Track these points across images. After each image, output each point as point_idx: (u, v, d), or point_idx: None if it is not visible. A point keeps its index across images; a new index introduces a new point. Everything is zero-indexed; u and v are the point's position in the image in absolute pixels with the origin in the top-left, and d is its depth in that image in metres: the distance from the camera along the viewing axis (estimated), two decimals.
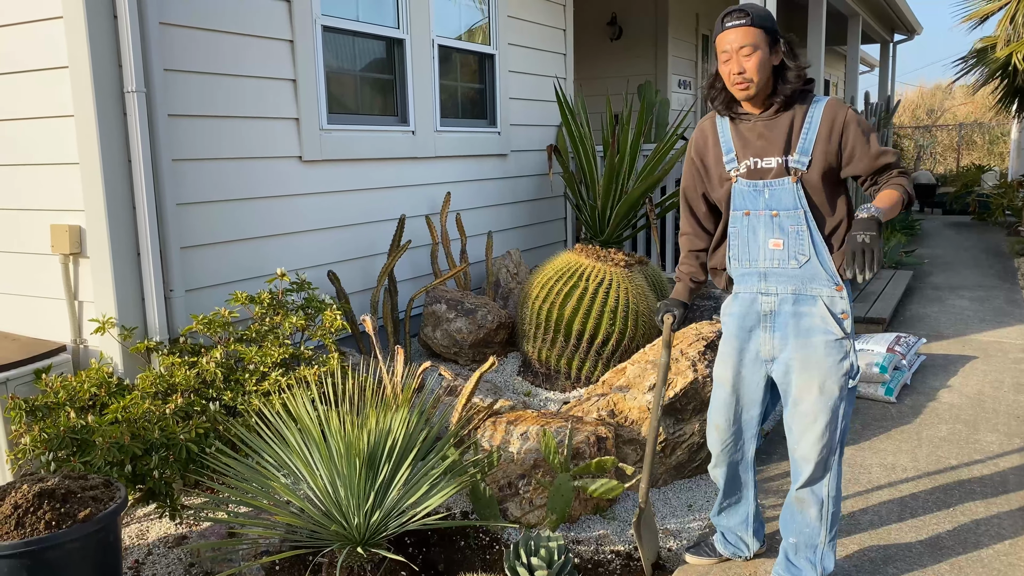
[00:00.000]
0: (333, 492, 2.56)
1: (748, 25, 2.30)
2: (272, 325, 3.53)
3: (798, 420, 2.45)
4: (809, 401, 2.42)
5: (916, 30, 13.43)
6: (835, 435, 2.44)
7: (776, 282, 2.45)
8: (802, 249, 2.39)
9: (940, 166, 20.50)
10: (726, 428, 2.64)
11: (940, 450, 3.81)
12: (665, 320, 2.62)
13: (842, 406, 2.43)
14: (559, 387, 4.47)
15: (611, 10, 9.47)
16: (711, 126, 2.55)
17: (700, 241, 2.69)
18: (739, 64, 2.31)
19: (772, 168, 2.40)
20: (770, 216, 2.41)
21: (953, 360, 5.26)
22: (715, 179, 2.53)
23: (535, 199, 6.47)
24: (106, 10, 3.32)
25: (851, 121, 2.35)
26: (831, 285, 2.39)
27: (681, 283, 2.71)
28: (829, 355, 2.39)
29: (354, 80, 4.80)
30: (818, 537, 2.52)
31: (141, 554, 2.97)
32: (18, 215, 3.68)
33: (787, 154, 2.38)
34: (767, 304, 2.47)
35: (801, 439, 2.46)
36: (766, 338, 2.49)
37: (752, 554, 2.83)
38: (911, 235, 10.98)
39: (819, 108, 2.37)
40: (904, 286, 7.20)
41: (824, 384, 2.40)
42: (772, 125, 2.40)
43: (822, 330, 2.39)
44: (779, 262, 2.42)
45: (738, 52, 2.31)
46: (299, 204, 4.36)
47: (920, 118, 25.41)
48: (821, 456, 2.44)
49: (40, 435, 2.82)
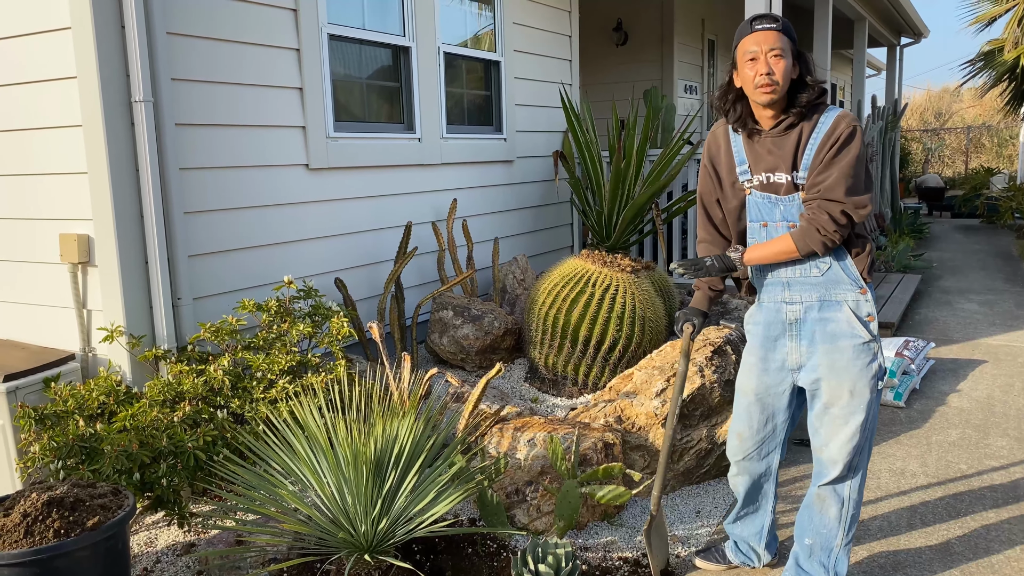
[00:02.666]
0: (340, 499, 2.56)
1: (778, 30, 2.29)
2: (279, 333, 3.53)
3: (827, 423, 2.44)
4: (840, 404, 2.41)
5: (923, 33, 13.40)
6: (864, 436, 2.43)
7: (800, 290, 2.43)
8: (823, 258, 2.38)
9: (948, 169, 20.43)
10: (749, 437, 2.63)
11: (950, 455, 3.79)
12: (684, 329, 2.59)
13: (872, 408, 2.43)
14: (566, 393, 4.47)
15: (617, 16, 9.49)
16: (724, 133, 2.52)
17: (717, 248, 2.64)
18: (767, 65, 2.28)
19: (783, 184, 2.38)
20: (787, 228, 2.40)
21: (962, 364, 5.24)
22: (727, 187, 2.52)
23: (541, 205, 6.48)
24: (114, 20, 3.34)
25: (843, 135, 2.26)
26: (855, 289, 2.38)
27: (700, 292, 2.68)
28: (858, 358, 2.38)
29: (360, 88, 4.82)
30: (835, 539, 2.51)
31: (150, 562, 2.97)
32: (27, 224, 3.70)
33: (795, 170, 2.36)
34: (792, 313, 2.46)
35: (831, 441, 2.45)
36: (793, 347, 2.48)
37: (762, 565, 2.82)
38: (919, 239, 10.94)
39: (827, 121, 2.31)
40: (913, 290, 7.17)
41: (855, 387, 2.39)
42: (781, 142, 2.37)
43: (849, 334, 2.38)
44: (801, 271, 2.42)
45: (767, 54, 2.29)
46: (306, 212, 4.37)
47: (928, 121, 25.34)
48: (850, 457, 2.44)
49: (49, 443, 2.83)
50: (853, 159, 2.27)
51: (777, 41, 2.28)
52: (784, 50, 2.29)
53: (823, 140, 2.30)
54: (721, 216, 2.61)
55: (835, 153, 2.27)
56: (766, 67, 2.28)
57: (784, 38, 2.30)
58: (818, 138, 2.31)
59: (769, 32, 2.29)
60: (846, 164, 2.26)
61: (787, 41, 2.30)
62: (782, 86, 2.29)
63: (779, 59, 2.28)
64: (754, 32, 2.31)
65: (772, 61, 2.28)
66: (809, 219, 2.32)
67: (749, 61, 2.32)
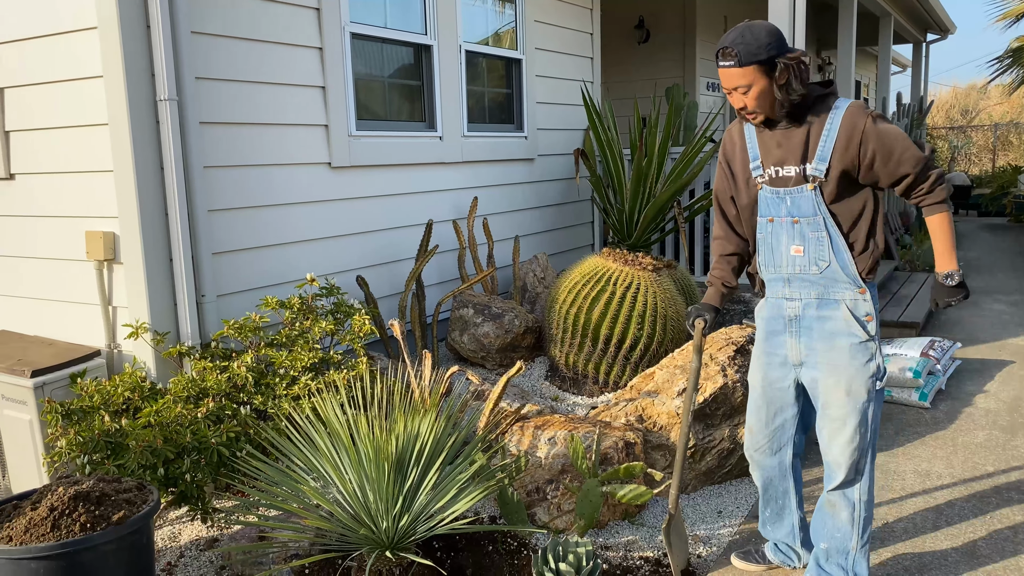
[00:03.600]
0: (362, 496, 2.57)
1: (736, 66, 2.28)
2: (302, 330, 3.56)
3: (827, 424, 2.46)
4: (837, 405, 2.42)
5: (949, 29, 13.22)
6: (865, 438, 2.43)
7: (799, 287, 2.45)
8: (822, 255, 2.39)
9: (975, 167, 20.15)
10: (759, 431, 2.65)
11: (976, 456, 3.74)
12: (696, 325, 2.61)
13: (871, 408, 2.42)
14: (587, 392, 4.46)
15: (638, 13, 9.44)
16: (739, 131, 2.55)
17: (730, 245, 2.66)
18: (739, 100, 2.35)
19: (792, 176, 2.40)
20: (791, 223, 2.42)
21: (989, 365, 5.16)
22: (741, 184, 2.54)
23: (562, 203, 6.46)
24: (139, 20, 3.37)
25: (871, 132, 2.28)
26: (853, 288, 2.39)
27: (712, 288, 2.70)
28: (854, 358, 2.38)
29: (382, 86, 4.83)
30: (850, 542, 2.50)
31: (173, 556, 3.00)
32: (54, 222, 3.75)
33: (805, 163, 2.37)
34: (791, 309, 2.48)
35: (832, 443, 2.46)
36: (792, 343, 2.50)
37: (802, 564, 2.80)
38: None
39: (839, 115, 2.32)
40: None
41: (851, 387, 2.40)
42: (790, 134, 2.39)
43: (846, 333, 2.39)
44: (800, 268, 2.43)
45: (735, 91, 2.33)
46: (328, 210, 4.39)
47: (954, 118, 25.01)
48: (852, 459, 2.44)
49: (75, 438, 2.87)
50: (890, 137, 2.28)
51: (739, 79, 2.30)
52: (751, 81, 2.29)
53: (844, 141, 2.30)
54: (735, 213, 2.63)
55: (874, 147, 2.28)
56: (739, 103, 2.36)
57: (745, 71, 2.27)
58: (832, 133, 2.31)
59: (728, 70, 2.30)
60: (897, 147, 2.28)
61: (751, 70, 2.27)
62: (763, 110, 2.35)
63: (747, 93, 2.32)
64: (719, 69, 2.34)
65: (740, 98, 2.34)
66: (931, 207, 2.36)
67: (727, 93, 2.37)
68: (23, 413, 3.35)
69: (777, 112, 2.36)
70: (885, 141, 2.28)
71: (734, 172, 2.56)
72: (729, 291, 2.70)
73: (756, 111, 2.35)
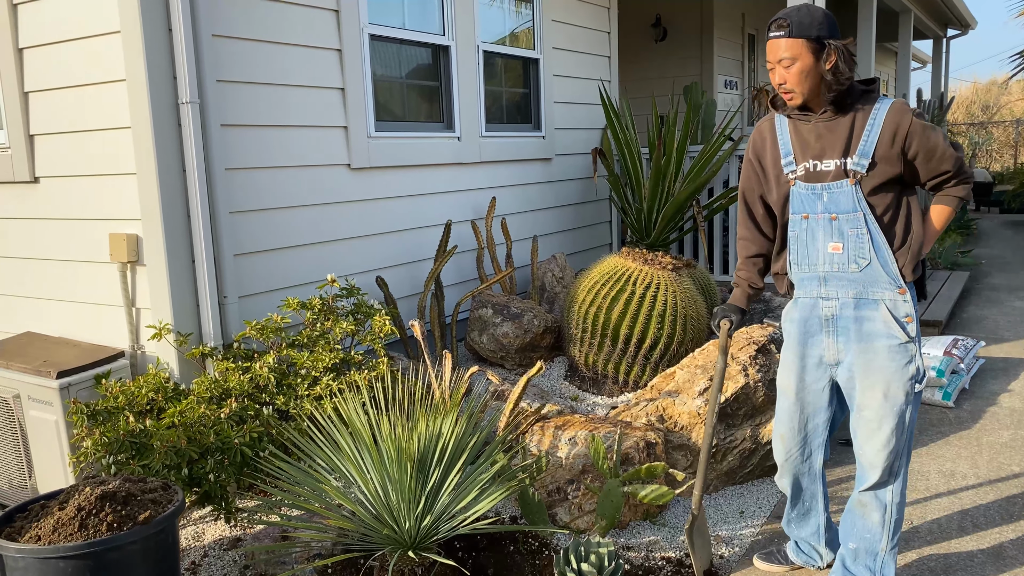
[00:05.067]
0: (384, 496, 2.58)
1: (787, 37, 2.27)
2: (323, 330, 3.57)
3: (863, 426, 2.41)
4: (873, 407, 2.37)
5: (970, 24, 13.08)
6: (901, 440, 2.38)
7: (836, 286, 2.40)
8: (862, 252, 2.34)
9: (996, 163, 19.93)
10: (791, 437, 2.60)
11: (1002, 456, 3.70)
12: (721, 326, 2.58)
13: (908, 411, 2.37)
14: (606, 392, 4.45)
15: (656, 12, 9.41)
16: (770, 126, 2.51)
17: (755, 246, 2.63)
18: (781, 75, 2.31)
19: (831, 171, 2.35)
20: (828, 219, 2.37)
21: (1014, 363, 5.11)
22: (772, 180, 2.50)
23: (580, 202, 6.46)
24: (161, 24, 3.40)
25: (916, 130, 2.27)
26: (894, 288, 2.33)
27: (739, 289, 2.68)
28: (893, 360, 2.34)
29: (401, 87, 4.85)
30: (879, 543, 2.47)
31: (197, 555, 3.03)
32: (78, 225, 3.79)
33: (846, 156, 2.32)
34: (828, 309, 2.42)
35: (866, 444, 2.41)
36: (829, 343, 2.44)
37: (825, 564, 2.78)
38: (967, 235, 10.69)
39: (883, 110, 2.30)
40: (960, 287, 7.01)
41: (888, 389, 2.35)
42: (833, 126, 2.35)
43: (885, 334, 2.34)
44: (839, 266, 2.38)
45: (778, 64, 2.31)
46: (348, 211, 4.41)
47: (975, 114, 24.74)
48: (888, 462, 2.39)
49: (101, 439, 2.90)
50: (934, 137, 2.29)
51: (786, 50, 2.28)
52: (797, 55, 2.27)
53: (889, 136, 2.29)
54: (762, 212, 2.59)
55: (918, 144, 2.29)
56: (780, 78, 2.32)
57: (795, 42, 2.26)
58: (875, 127, 2.29)
59: (777, 41, 2.29)
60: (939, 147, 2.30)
61: (800, 44, 2.26)
62: (800, 91, 2.31)
63: (790, 68, 2.29)
64: (768, 40, 2.33)
65: (784, 72, 2.30)
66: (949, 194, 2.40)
67: (770, 69, 2.36)
68: (49, 414, 3.38)
69: (822, 98, 2.32)
70: (930, 139, 2.27)
71: (764, 168, 2.52)
72: (755, 292, 2.68)
73: (794, 90, 2.31)
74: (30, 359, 3.54)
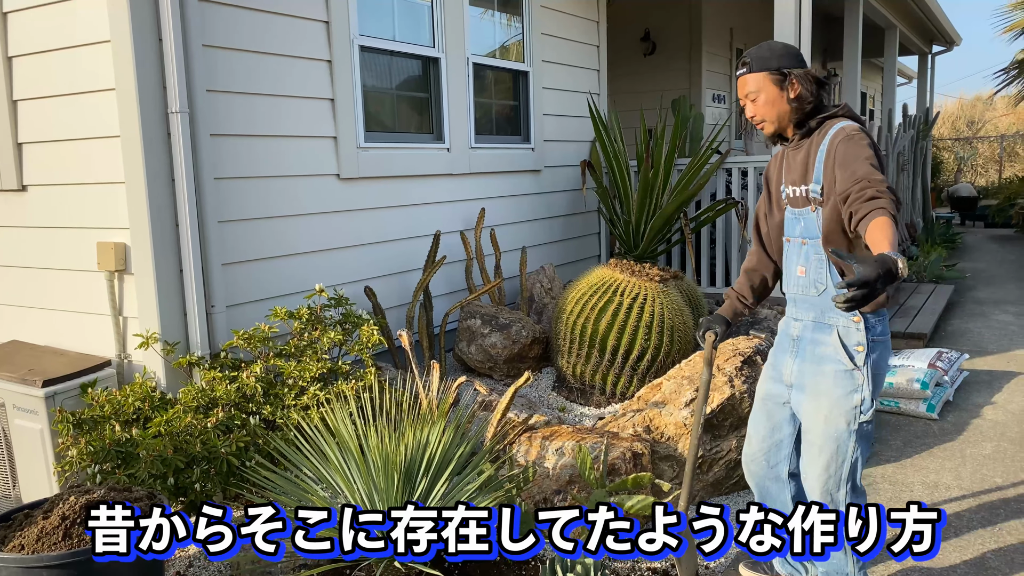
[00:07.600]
0: (371, 505, 2.58)
1: (749, 72, 2.41)
2: (311, 340, 3.57)
3: (806, 448, 2.45)
4: (815, 431, 2.39)
5: (955, 41, 13.24)
6: (841, 471, 2.36)
7: (802, 308, 2.47)
8: (820, 278, 2.39)
9: (981, 178, 20.14)
10: (756, 443, 2.65)
11: (985, 468, 3.74)
12: (707, 337, 2.62)
13: (850, 442, 2.34)
14: (594, 402, 4.46)
15: (644, 26, 9.49)
16: (782, 152, 2.59)
17: (754, 259, 2.71)
18: (751, 108, 2.43)
19: (800, 197, 2.43)
20: (800, 244, 2.45)
21: (997, 376, 5.15)
22: (774, 204, 2.61)
23: (569, 214, 6.49)
24: (151, 33, 3.41)
25: (840, 148, 2.24)
26: (847, 316, 2.34)
27: (728, 300, 2.74)
28: (838, 386, 2.34)
29: (391, 99, 4.87)
30: (845, 567, 2.48)
31: (182, 565, 3.01)
32: (66, 233, 3.78)
33: (805, 183, 2.40)
34: (795, 329, 2.50)
35: (808, 468, 2.44)
36: (789, 362, 2.51)
37: None
38: (952, 249, 10.78)
39: (831, 135, 2.33)
40: (945, 301, 7.07)
41: (829, 414, 2.35)
42: (798, 153, 2.44)
43: (833, 359, 2.36)
44: (803, 289, 2.45)
45: (747, 97, 2.43)
46: (337, 221, 4.42)
47: (960, 130, 24.98)
48: (825, 489, 2.39)
49: (86, 448, 2.89)
50: (857, 152, 2.20)
51: (748, 84, 2.40)
52: (759, 88, 2.39)
53: (828, 157, 2.29)
54: (767, 231, 2.68)
55: (840, 156, 2.24)
56: (751, 111, 2.44)
57: (756, 77, 2.39)
58: (822, 152, 2.33)
59: (744, 77, 2.42)
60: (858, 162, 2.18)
61: (761, 77, 2.38)
62: (771, 119, 2.42)
63: (755, 100, 2.41)
64: (737, 79, 2.47)
65: (751, 105, 2.43)
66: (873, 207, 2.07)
67: (743, 106, 2.48)
68: (34, 423, 3.37)
69: (790, 126, 2.42)
70: (850, 149, 2.22)
71: (771, 191, 2.63)
72: (744, 305, 2.71)
73: (764, 119, 2.42)
74: (16, 367, 3.52)
